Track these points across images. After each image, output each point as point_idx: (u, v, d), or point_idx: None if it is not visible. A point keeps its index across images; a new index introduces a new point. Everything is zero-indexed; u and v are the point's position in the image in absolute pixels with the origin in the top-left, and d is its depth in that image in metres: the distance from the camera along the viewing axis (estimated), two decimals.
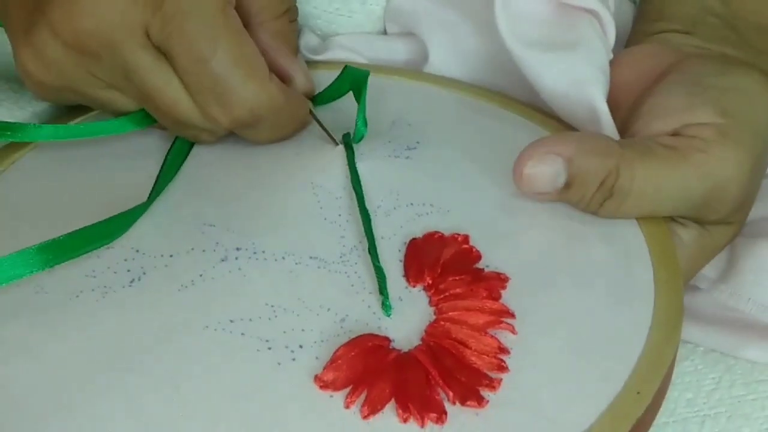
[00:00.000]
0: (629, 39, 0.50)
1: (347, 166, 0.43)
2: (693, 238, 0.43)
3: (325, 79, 0.48)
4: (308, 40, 0.53)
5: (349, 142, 0.44)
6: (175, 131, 0.44)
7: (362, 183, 0.42)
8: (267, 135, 0.44)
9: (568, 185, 0.40)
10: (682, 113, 0.42)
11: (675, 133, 0.42)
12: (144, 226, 0.41)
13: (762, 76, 0.44)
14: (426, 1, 0.51)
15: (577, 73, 0.45)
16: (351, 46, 0.52)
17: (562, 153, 0.40)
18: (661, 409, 0.36)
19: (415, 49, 0.52)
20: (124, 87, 0.42)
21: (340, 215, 0.41)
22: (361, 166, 0.43)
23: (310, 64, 0.51)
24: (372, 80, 0.49)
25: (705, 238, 0.43)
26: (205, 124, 0.42)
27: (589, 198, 0.40)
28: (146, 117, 0.44)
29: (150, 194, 0.41)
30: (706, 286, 0.46)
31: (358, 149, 0.44)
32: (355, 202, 0.41)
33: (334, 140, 0.44)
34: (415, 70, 0.52)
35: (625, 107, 0.45)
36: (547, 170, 0.40)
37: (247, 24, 0.43)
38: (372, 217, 0.40)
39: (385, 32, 0.54)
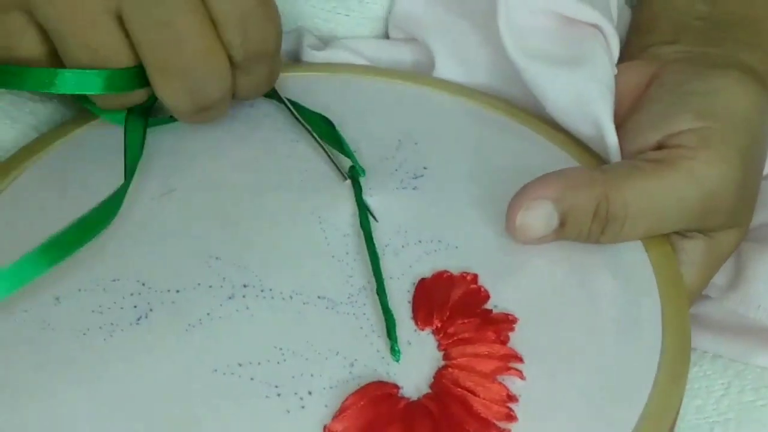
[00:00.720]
0: (623, 53, 0.50)
1: (355, 201, 0.43)
2: (701, 251, 0.43)
3: (328, 83, 0.48)
4: (311, 39, 0.52)
5: (356, 177, 0.44)
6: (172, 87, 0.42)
7: (370, 219, 0.42)
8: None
9: (562, 224, 0.40)
10: (663, 124, 0.42)
11: (660, 146, 0.42)
12: (149, 256, 0.40)
13: (741, 74, 0.44)
14: (433, 10, 0.50)
15: (583, 90, 0.45)
16: (354, 47, 0.52)
17: (548, 195, 0.40)
18: None
19: (421, 56, 0.52)
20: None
21: (347, 253, 0.41)
22: (368, 201, 0.43)
23: (314, 66, 0.51)
24: (376, 85, 0.49)
25: (712, 247, 0.43)
26: (208, 71, 0.41)
27: (588, 230, 0.40)
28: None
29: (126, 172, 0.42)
30: (716, 295, 0.46)
31: (366, 182, 0.44)
32: (363, 239, 0.41)
33: (343, 175, 0.44)
34: (419, 73, 0.51)
35: (617, 124, 0.45)
36: (538, 216, 0.40)
37: None
38: (381, 256, 0.40)
39: (387, 37, 0.53)
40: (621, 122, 0.45)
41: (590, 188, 0.40)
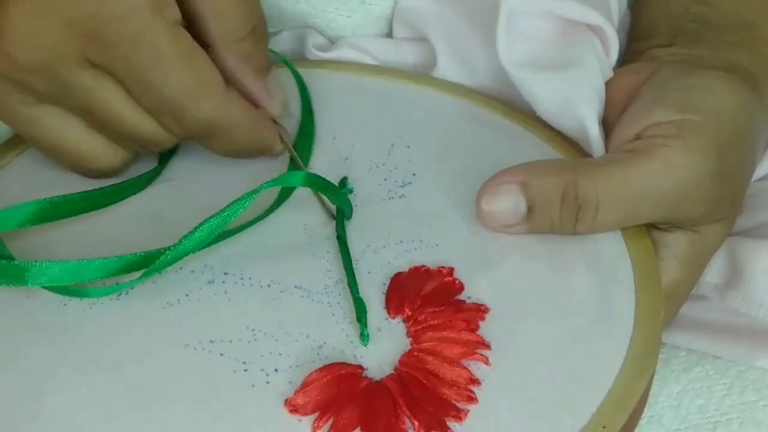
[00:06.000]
0: (623, 58, 0.50)
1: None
2: (684, 245, 0.43)
3: (329, 80, 0.49)
4: (316, 38, 0.53)
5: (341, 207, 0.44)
6: (121, 144, 0.43)
7: (354, 226, 0.43)
8: (224, 148, 0.43)
9: (530, 210, 0.40)
10: (643, 117, 0.42)
11: (637, 138, 0.42)
12: (135, 239, 0.41)
13: (727, 73, 0.44)
14: (437, 8, 0.51)
15: (569, 93, 0.45)
16: (361, 46, 0.52)
17: (515, 180, 0.40)
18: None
19: (423, 54, 0.52)
20: (60, 101, 0.41)
21: (328, 252, 0.41)
22: (354, 211, 0.43)
23: (317, 62, 0.52)
24: (376, 84, 0.50)
25: (697, 242, 0.43)
26: (153, 134, 0.42)
27: (559, 218, 0.40)
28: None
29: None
30: (713, 295, 0.45)
31: (353, 196, 0.44)
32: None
33: (331, 215, 0.43)
34: (421, 74, 0.52)
35: (611, 125, 0.45)
36: (504, 201, 0.40)
37: (209, 46, 0.42)
38: (359, 256, 0.41)
39: (389, 35, 0.54)
40: (615, 122, 0.45)
41: (557, 173, 0.40)
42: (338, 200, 0.43)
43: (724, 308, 0.45)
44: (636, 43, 0.50)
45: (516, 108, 0.49)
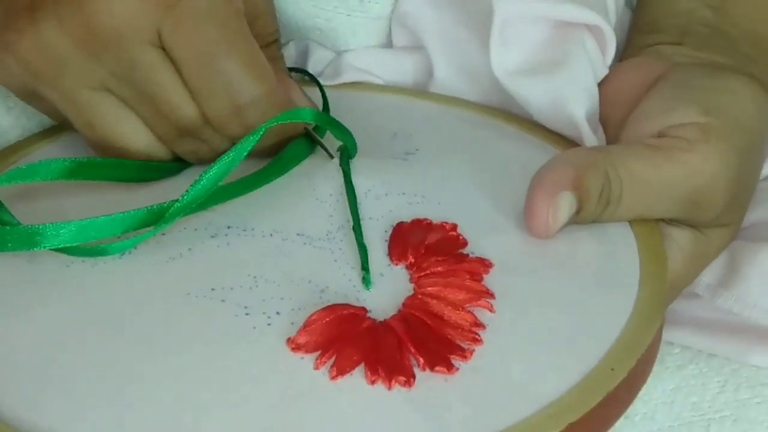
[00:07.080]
0: (624, 53, 0.50)
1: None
2: (689, 241, 0.42)
3: (335, 99, 0.49)
4: (317, 61, 0.53)
5: (345, 147, 0.45)
6: (171, 142, 0.43)
7: (356, 173, 0.43)
8: (263, 142, 0.42)
9: (578, 210, 0.39)
10: (665, 115, 0.42)
11: (660, 135, 0.41)
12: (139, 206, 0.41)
13: (749, 79, 0.43)
14: (434, 13, 0.51)
15: (559, 93, 0.45)
16: (363, 67, 0.53)
17: (565, 184, 0.39)
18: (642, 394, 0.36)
19: (422, 66, 0.53)
20: (120, 87, 0.41)
21: (331, 195, 0.42)
22: (356, 163, 0.44)
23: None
24: (380, 99, 0.51)
25: (701, 241, 0.43)
26: (206, 131, 0.42)
27: (593, 213, 0.40)
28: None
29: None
30: (705, 294, 0.45)
31: (356, 157, 0.45)
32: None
33: (330, 154, 0.45)
34: (423, 90, 0.52)
35: (617, 121, 0.45)
36: (566, 211, 0.39)
37: None
38: (362, 199, 0.41)
39: (389, 36, 0.54)
40: (623, 117, 0.45)
41: (596, 167, 0.39)
42: (343, 137, 0.43)
43: (717, 306, 0.45)
44: (639, 37, 0.50)
45: (516, 115, 0.49)
